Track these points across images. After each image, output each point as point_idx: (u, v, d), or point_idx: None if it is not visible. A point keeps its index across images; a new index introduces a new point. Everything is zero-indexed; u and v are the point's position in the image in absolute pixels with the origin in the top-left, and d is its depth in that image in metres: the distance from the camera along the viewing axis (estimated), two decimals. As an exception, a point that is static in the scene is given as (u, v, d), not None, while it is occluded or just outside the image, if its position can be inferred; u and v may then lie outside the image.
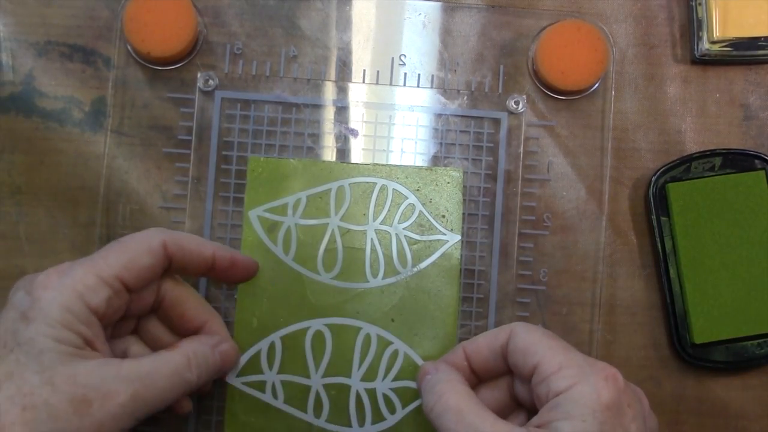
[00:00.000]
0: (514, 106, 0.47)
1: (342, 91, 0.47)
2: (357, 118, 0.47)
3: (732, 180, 0.47)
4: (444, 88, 0.47)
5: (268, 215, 0.46)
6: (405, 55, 0.47)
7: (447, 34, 0.48)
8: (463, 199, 0.46)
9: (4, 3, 0.46)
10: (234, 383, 0.44)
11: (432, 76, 0.47)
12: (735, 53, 0.47)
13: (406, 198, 0.46)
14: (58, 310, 0.34)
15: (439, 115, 0.47)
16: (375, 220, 0.46)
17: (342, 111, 0.47)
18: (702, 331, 0.46)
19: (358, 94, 0.47)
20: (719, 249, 0.46)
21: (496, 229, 0.47)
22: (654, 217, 0.47)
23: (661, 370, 0.47)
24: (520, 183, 0.47)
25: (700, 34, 0.47)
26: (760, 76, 0.49)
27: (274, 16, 0.47)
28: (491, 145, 0.47)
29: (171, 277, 0.41)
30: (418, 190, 0.46)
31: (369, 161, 0.46)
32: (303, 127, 0.47)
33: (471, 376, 0.40)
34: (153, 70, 0.46)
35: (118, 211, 0.46)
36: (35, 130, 0.46)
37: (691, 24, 0.48)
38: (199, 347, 0.39)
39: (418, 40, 0.47)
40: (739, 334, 0.46)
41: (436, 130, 0.47)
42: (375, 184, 0.46)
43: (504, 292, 0.46)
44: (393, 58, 0.47)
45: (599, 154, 0.48)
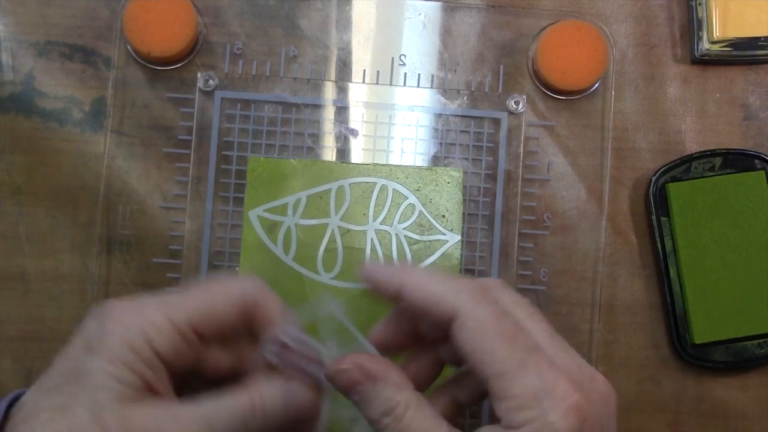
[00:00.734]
0: (514, 106, 0.47)
1: (342, 91, 0.47)
2: (357, 118, 0.47)
3: (732, 180, 0.47)
4: (444, 88, 0.47)
5: (268, 215, 0.46)
6: (405, 55, 0.47)
7: (447, 34, 0.48)
8: (463, 199, 0.46)
9: (4, 3, 0.46)
10: None
11: (432, 76, 0.47)
12: (735, 53, 0.47)
13: (406, 198, 0.46)
14: (121, 346, 0.31)
15: (439, 115, 0.47)
16: (375, 220, 0.46)
17: (342, 111, 0.47)
18: (702, 331, 0.46)
19: (358, 94, 0.47)
20: (719, 249, 0.46)
21: (496, 229, 0.47)
22: (654, 217, 0.47)
23: (661, 370, 0.47)
24: (520, 183, 0.47)
25: (700, 34, 0.47)
26: (760, 76, 0.49)
27: (274, 16, 0.47)
28: (491, 145, 0.47)
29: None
30: (418, 190, 0.46)
31: (369, 161, 0.46)
32: (303, 127, 0.47)
33: (410, 335, 0.35)
34: (153, 70, 0.46)
35: (118, 211, 0.46)
36: (35, 130, 0.46)
37: (691, 24, 0.48)
38: (270, 390, 0.33)
39: (418, 40, 0.47)
40: (739, 334, 0.46)
41: (436, 130, 0.47)
42: (375, 184, 0.46)
43: (504, 292, 0.46)
44: (393, 58, 0.47)
45: (599, 154, 0.48)
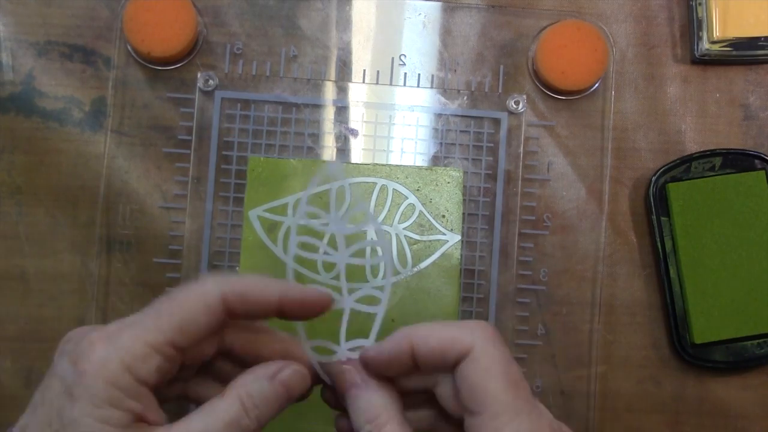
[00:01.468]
0: (514, 106, 0.47)
1: (342, 91, 0.47)
2: (357, 118, 0.47)
3: (732, 180, 0.47)
4: (444, 88, 0.47)
5: (268, 215, 0.46)
6: (405, 55, 0.47)
7: (447, 34, 0.48)
8: (463, 199, 0.46)
9: (4, 3, 0.46)
10: None
11: (432, 76, 0.47)
12: (735, 53, 0.47)
13: (406, 198, 0.46)
14: (103, 387, 0.31)
15: (439, 115, 0.47)
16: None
17: (342, 111, 0.47)
18: (702, 331, 0.46)
19: (358, 94, 0.47)
20: (719, 249, 0.46)
21: (496, 229, 0.47)
22: (654, 217, 0.47)
23: (661, 370, 0.47)
24: (520, 183, 0.47)
25: (700, 34, 0.47)
26: (760, 76, 0.49)
27: (274, 16, 0.47)
28: (491, 145, 0.47)
29: (234, 325, 0.35)
30: (418, 190, 0.46)
31: (369, 161, 0.46)
32: (303, 127, 0.47)
33: (408, 368, 0.34)
34: (153, 70, 0.46)
35: (118, 211, 0.46)
36: (35, 130, 0.46)
37: (691, 24, 0.48)
38: (254, 384, 0.33)
39: (418, 40, 0.47)
40: (739, 334, 0.46)
41: (436, 130, 0.47)
42: (375, 184, 0.46)
43: (504, 292, 0.46)
44: (393, 58, 0.47)
45: (599, 154, 0.48)
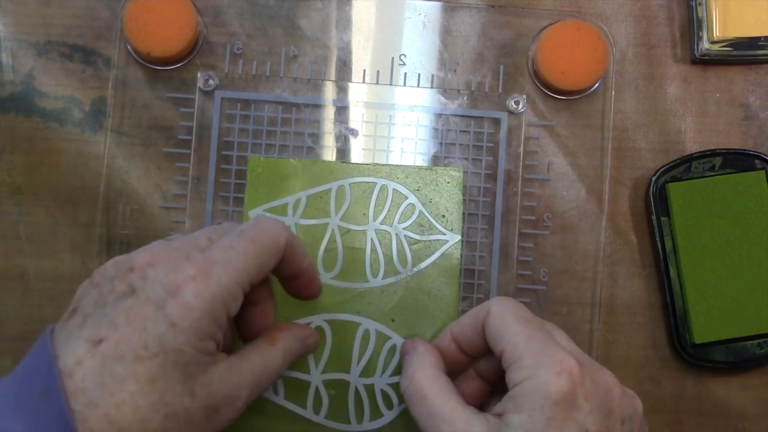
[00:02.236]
0: (514, 106, 0.47)
1: (342, 91, 0.47)
2: (357, 117, 0.47)
3: (732, 180, 0.47)
4: (444, 88, 0.47)
5: (268, 215, 0.46)
6: (405, 55, 0.47)
7: (447, 34, 0.48)
8: (463, 199, 0.46)
9: (4, 3, 0.46)
10: None
11: (432, 76, 0.47)
12: (735, 53, 0.47)
13: (406, 198, 0.46)
14: (207, 322, 0.33)
15: (439, 115, 0.47)
16: (375, 220, 0.46)
17: (342, 111, 0.47)
18: (702, 331, 0.46)
19: (358, 94, 0.47)
20: (719, 249, 0.46)
21: (496, 229, 0.47)
22: (654, 217, 0.47)
23: (661, 370, 0.47)
24: (520, 183, 0.47)
25: (700, 34, 0.47)
26: (760, 76, 0.49)
27: (274, 16, 0.47)
28: (491, 145, 0.47)
29: None
30: (418, 190, 0.46)
31: (369, 161, 0.46)
32: (303, 127, 0.47)
33: (461, 356, 0.41)
34: (153, 70, 0.46)
35: (118, 211, 0.46)
36: (35, 130, 0.46)
37: (691, 24, 0.48)
38: (294, 344, 0.40)
39: (418, 40, 0.47)
40: (739, 334, 0.46)
41: (436, 130, 0.47)
42: (375, 184, 0.46)
43: (504, 292, 0.46)
44: (393, 58, 0.47)
45: (599, 154, 0.48)
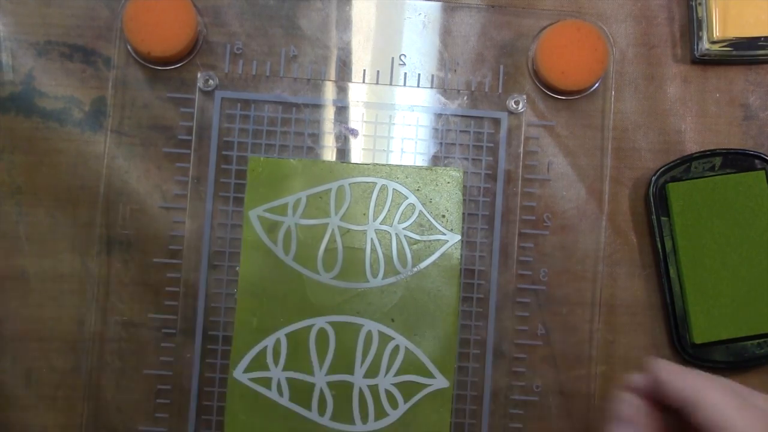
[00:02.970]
0: (514, 106, 0.47)
1: (342, 90, 0.47)
2: (357, 118, 0.47)
3: (732, 180, 0.47)
4: (444, 88, 0.47)
5: (268, 215, 0.46)
6: (405, 55, 0.47)
7: (447, 34, 0.48)
8: (463, 199, 0.46)
9: (4, 3, 0.46)
10: (240, 378, 0.44)
11: (432, 76, 0.47)
12: (735, 53, 0.47)
13: (406, 198, 0.46)
14: None
15: (439, 115, 0.47)
16: (375, 220, 0.46)
17: (342, 111, 0.47)
18: (702, 331, 0.46)
19: (358, 94, 0.47)
20: (719, 249, 0.46)
21: (496, 229, 0.47)
22: (654, 217, 0.47)
23: (661, 370, 0.47)
24: (520, 183, 0.47)
25: (700, 34, 0.47)
26: (760, 76, 0.49)
27: (274, 16, 0.47)
28: (491, 145, 0.47)
29: None
30: (418, 190, 0.46)
31: (369, 161, 0.46)
32: (303, 127, 0.47)
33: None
34: (153, 70, 0.46)
35: (118, 211, 0.46)
36: (35, 130, 0.46)
37: (691, 24, 0.48)
38: None
39: (418, 40, 0.47)
40: (739, 334, 0.46)
41: (436, 130, 0.47)
42: (375, 184, 0.46)
43: (504, 292, 0.46)
44: (393, 58, 0.47)
45: (599, 154, 0.48)
